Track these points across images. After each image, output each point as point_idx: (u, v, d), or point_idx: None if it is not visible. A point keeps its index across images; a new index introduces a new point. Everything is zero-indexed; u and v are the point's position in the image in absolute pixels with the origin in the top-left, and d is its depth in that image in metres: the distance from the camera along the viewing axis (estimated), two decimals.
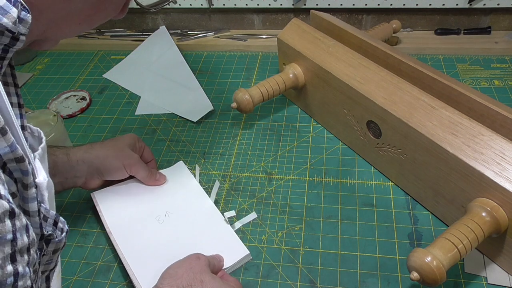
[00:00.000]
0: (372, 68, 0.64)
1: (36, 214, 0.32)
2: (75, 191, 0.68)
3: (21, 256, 0.27)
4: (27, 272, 0.28)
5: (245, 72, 0.93)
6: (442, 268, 0.44)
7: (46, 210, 0.33)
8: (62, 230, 0.35)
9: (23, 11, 0.30)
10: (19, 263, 0.27)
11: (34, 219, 0.32)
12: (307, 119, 0.79)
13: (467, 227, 0.47)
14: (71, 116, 0.85)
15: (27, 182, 0.31)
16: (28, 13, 0.31)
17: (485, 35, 0.93)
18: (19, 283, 0.27)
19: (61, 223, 0.35)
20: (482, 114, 0.55)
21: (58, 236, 0.35)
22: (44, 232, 0.33)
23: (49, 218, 0.34)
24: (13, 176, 0.30)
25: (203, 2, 1.00)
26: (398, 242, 0.58)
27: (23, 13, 0.30)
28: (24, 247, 0.27)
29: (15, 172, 0.30)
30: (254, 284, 0.55)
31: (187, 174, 0.68)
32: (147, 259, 0.56)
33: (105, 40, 1.07)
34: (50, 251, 0.35)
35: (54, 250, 0.35)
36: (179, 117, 0.82)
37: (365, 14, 0.97)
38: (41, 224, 0.32)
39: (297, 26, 0.76)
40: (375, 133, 0.64)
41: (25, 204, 0.31)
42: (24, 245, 0.27)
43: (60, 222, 0.35)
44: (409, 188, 0.63)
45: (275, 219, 0.62)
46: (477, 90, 0.64)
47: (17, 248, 0.26)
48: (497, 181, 0.48)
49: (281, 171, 0.69)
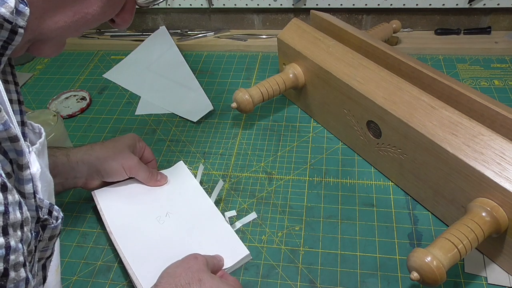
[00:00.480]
0: (372, 68, 0.64)
1: (31, 196, 0.32)
2: (75, 191, 0.68)
3: (14, 231, 0.27)
4: (19, 248, 0.28)
5: (245, 72, 0.93)
6: (442, 268, 0.44)
7: (40, 200, 0.33)
8: (57, 218, 0.35)
9: (21, 4, 0.30)
10: (11, 237, 0.27)
11: (29, 201, 0.32)
12: (307, 119, 0.79)
13: (467, 227, 0.47)
14: (71, 116, 0.85)
15: (22, 162, 0.31)
16: (26, 6, 0.30)
17: (485, 35, 0.93)
18: (10, 257, 0.27)
19: (56, 211, 0.35)
20: (482, 114, 0.55)
21: (53, 223, 0.35)
22: (40, 215, 0.33)
23: (44, 207, 0.34)
24: (8, 157, 0.30)
25: (203, 2, 1.00)
26: (398, 242, 0.58)
27: (21, 6, 0.30)
28: (17, 223, 0.27)
29: (10, 153, 0.30)
30: (254, 284, 0.55)
31: (187, 174, 0.68)
32: (147, 259, 0.56)
33: (105, 40, 1.07)
34: (46, 237, 0.35)
35: (50, 236, 0.35)
36: (179, 117, 0.82)
37: (365, 14, 0.97)
38: (37, 207, 0.33)
39: (297, 26, 0.76)
40: (375, 133, 0.64)
41: (20, 186, 0.31)
42: (17, 221, 0.27)
43: (55, 210, 0.35)
44: (409, 188, 0.63)
45: (275, 219, 0.62)
46: (477, 90, 0.64)
47: (9, 221, 0.27)
48: (497, 181, 0.48)
49: (281, 171, 0.69)
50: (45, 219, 0.33)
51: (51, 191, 0.39)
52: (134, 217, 0.62)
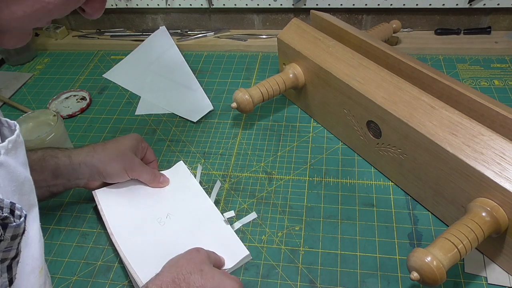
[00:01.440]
0: (372, 68, 0.64)
1: None
2: (75, 191, 0.68)
3: None
4: None
5: (245, 72, 0.93)
6: (442, 268, 0.44)
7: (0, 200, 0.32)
8: (20, 216, 0.34)
9: None
10: None
11: None
12: (307, 119, 0.79)
13: (467, 227, 0.47)
14: (71, 116, 0.85)
15: None
16: None
17: (485, 35, 0.93)
18: None
19: (18, 210, 0.34)
20: (482, 114, 0.55)
21: (16, 221, 0.33)
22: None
23: (4, 207, 0.32)
24: None
25: (203, 2, 1.00)
26: (398, 242, 0.58)
27: None
28: None
29: None
30: (254, 284, 0.55)
31: (188, 175, 0.68)
32: (148, 260, 0.56)
33: (105, 40, 1.07)
34: (8, 237, 0.33)
35: (13, 235, 0.34)
36: (179, 117, 0.82)
37: (365, 14, 0.97)
38: None
39: (297, 26, 0.76)
40: (375, 133, 0.64)
41: None
42: None
43: (17, 209, 0.34)
44: (409, 188, 0.63)
45: (275, 219, 0.62)
46: (477, 90, 0.64)
47: None
48: (497, 181, 0.48)
49: (281, 171, 0.69)
50: (5, 217, 0.32)
51: (25, 190, 0.37)
52: (135, 218, 0.61)
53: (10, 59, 1.02)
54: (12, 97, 0.92)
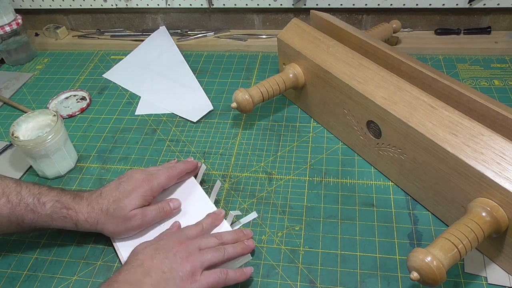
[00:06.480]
0: (372, 68, 0.64)
1: None
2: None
3: None
4: None
5: (245, 72, 0.93)
6: (442, 268, 0.44)
7: None
8: None
9: None
10: None
11: None
12: (307, 119, 0.79)
13: (467, 227, 0.47)
14: (71, 116, 0.85)
15: None
16: None
17: (485, 35, 0.93)
18: None
19: None
20: (482, 114, 0.55)
21: None
22: None
23: None
24: None
25: (203, 2, 1.00)
26: (398, 242, 0.58)
27: None
28: None
29: None
30: (254, 284, 0.55)
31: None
32: None
33: (105, 40, 1.07)
34: None
35: None
36: (179, 117, 0.82)
37: (365, 14, 0.97)
38: None
39: (297, 26, 0.76)
40: (375, 133, 0.64)
41: None
42: None
43: None
44: (409, 188, 0.63)
45: (275, 219, 0.62)
46: (477, 90, 0.64)
47: None
48: (497, 181, 0.48)
49: (281, 171, 0.69)
50: None
51: None
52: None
53: (10, 59, 1.02)
54: (12, 97, 0.92)
